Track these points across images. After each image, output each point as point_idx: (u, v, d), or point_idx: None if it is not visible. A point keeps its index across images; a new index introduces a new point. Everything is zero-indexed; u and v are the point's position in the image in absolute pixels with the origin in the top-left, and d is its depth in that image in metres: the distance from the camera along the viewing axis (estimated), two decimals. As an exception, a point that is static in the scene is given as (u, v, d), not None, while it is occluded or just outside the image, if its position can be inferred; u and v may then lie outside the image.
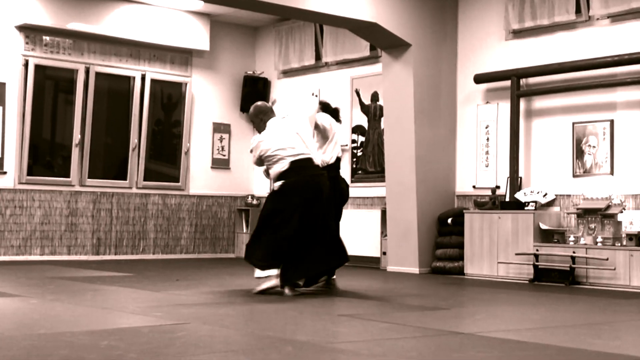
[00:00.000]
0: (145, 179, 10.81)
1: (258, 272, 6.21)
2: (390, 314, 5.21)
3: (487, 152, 9.09)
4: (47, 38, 10.08)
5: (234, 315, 4.99)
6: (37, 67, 9.99)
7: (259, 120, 6.39)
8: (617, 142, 7.98)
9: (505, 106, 8.86)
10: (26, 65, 9.90)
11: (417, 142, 9.00)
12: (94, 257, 10.36)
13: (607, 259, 7.43)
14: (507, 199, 8.57)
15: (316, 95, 10.71)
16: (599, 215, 7.78)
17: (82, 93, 10.26)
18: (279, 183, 6.15)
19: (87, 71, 10.31)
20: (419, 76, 9.04)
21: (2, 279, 7.08)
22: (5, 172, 9.75)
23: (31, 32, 9.97)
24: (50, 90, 10.40)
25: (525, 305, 6.11)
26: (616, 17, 8.08)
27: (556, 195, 8.36)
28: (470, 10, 9.33)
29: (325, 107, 6.98)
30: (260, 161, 6.31)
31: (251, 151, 6.39)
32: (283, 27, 11.32)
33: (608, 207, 7.74)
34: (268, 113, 6.41)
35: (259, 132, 6.38)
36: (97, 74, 10.40)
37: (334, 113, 6.99)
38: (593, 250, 7.59)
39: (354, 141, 10.41)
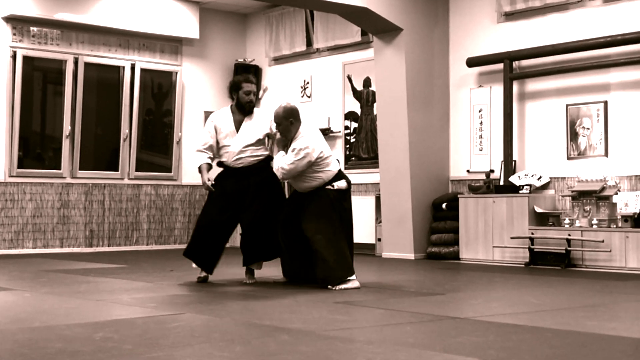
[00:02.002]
0: (137, 170, 10.74)
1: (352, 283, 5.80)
2: (386, 301, 5.19)
3: (480, 136, 9.05)
4: (35, 29, 9.98)
5: (229, 305, 4.96)
6: (25, 59, 9.89)
7: (289, 123, 5.84)
8: (611, 124, 7.96)
9: (498, 89, 8.83)
10: (14, 56, 9.80)
11: (410, 127, 8.96)
12: (87, 249, 10.31)
13: (603, 241, 7.42)
14: (502, 183, 8.55)
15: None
16: (594, 197, 7.76)
17: (71, 84, 10.17)
18: (343, 183, 5.87)
19: (75, 62, 10.22)
20: (411, 61, 8.99)
21: (-6, 273, 7.05)
22: (-5, 165, 9.69)
23: (18, 23, 9.87)
24: (39, 82, 10.31)
25: (521, 289, 6.10)
26: (608, -2, 8.04)
27: (551, 178, 8.34)
28: (462, -7, 9.28)
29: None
30: (306, 167, 5.79)
31: (300, 159, 5.75)
32: (273, 13, 11.25)
33: (603, 189, 7.72)
34: (299, 117, 5.89)
35: (284, 135, 5.88)
36: (86, 65, 10.31)
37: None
38: (588, 233, 7.58)
39: (346, 127, 10.37)
